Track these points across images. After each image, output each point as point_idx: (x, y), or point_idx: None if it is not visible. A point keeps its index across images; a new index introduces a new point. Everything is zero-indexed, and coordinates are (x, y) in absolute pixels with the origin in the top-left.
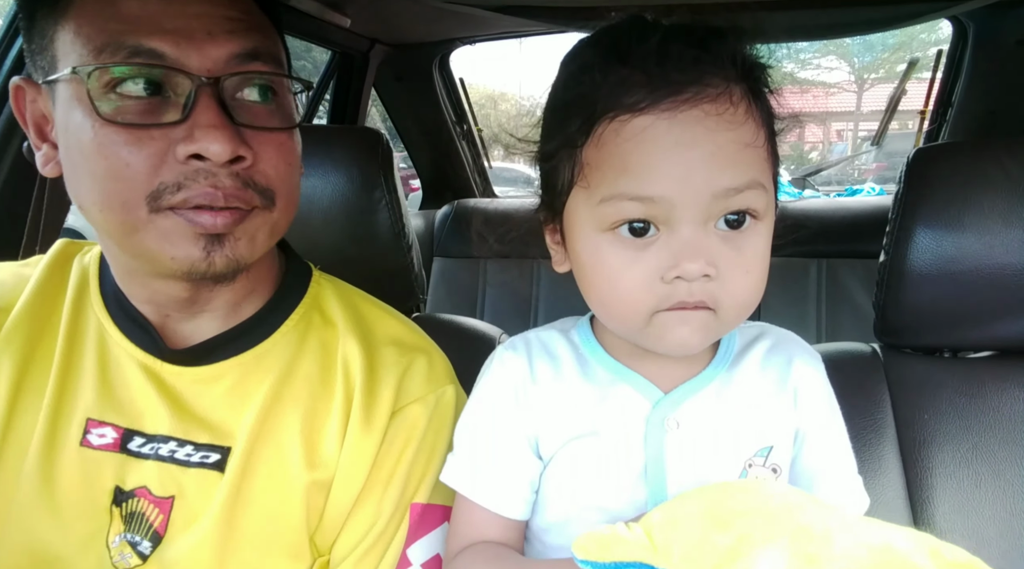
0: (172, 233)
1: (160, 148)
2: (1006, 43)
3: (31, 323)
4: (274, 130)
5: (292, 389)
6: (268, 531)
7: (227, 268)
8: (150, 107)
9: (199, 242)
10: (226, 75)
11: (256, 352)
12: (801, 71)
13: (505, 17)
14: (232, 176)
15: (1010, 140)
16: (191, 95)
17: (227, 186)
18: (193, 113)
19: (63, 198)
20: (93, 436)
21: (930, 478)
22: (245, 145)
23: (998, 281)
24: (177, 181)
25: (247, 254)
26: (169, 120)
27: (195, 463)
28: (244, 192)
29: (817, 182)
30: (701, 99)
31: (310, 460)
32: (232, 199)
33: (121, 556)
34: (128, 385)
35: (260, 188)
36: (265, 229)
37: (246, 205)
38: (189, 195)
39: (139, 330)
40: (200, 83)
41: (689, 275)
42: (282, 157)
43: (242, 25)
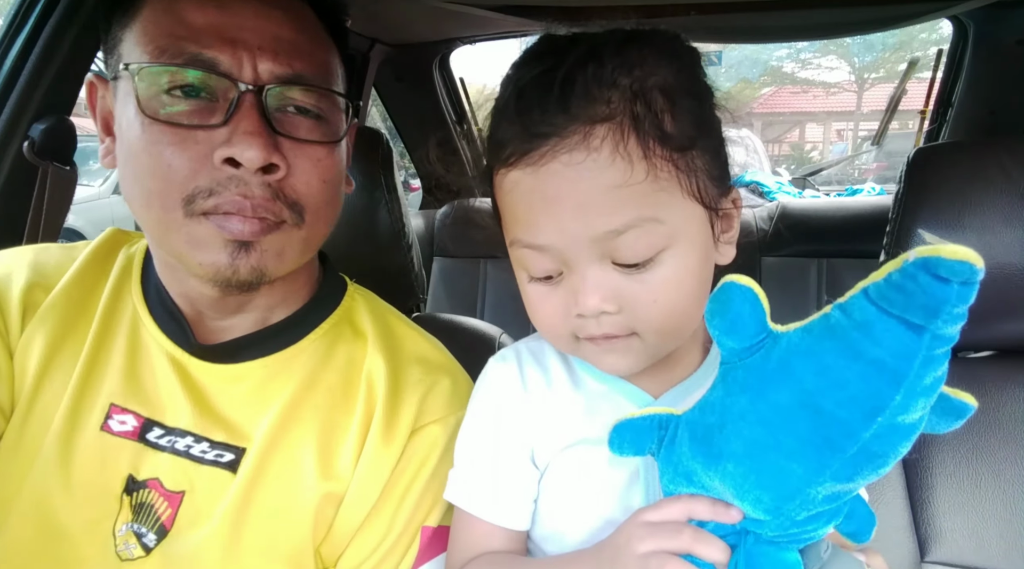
0: (202, 238)
1: (201, 152)
2: (1006, 43)
3: (68, 304)
4: (312, 143)
5: (313, 397)
6: (273, 538)
7: (251, 277)
8: (197, 111)
9: (227, 248)
10: (270, 86)
11: (282, 356)
12: (801, 71)
13: (505, 17)
14: (263, 186)
15: (1010, 140)
16: (234, 101)
17: (256, 196)
18: (234, 118)
19: (63, 198)
20: (114, 422)
21: (930, 478)
22: (280, 155)
23: (998, 281)
24: (210, 186)
25: (273, 268)
26: (212, 124)
27: (209, 461)
28: (273, 204)
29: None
30: (559, 151)
31: (324, 471)
32: (260, 209)
33: (126, 545)
34: (154, 375)
35: (290, 201)
36: (295, 246)
37: (274, 217)
38: (219, 201)
39: (172, 322)
40: (244, 90)
41: (587, 311)
42: (317, 173)
43: (289, 47)
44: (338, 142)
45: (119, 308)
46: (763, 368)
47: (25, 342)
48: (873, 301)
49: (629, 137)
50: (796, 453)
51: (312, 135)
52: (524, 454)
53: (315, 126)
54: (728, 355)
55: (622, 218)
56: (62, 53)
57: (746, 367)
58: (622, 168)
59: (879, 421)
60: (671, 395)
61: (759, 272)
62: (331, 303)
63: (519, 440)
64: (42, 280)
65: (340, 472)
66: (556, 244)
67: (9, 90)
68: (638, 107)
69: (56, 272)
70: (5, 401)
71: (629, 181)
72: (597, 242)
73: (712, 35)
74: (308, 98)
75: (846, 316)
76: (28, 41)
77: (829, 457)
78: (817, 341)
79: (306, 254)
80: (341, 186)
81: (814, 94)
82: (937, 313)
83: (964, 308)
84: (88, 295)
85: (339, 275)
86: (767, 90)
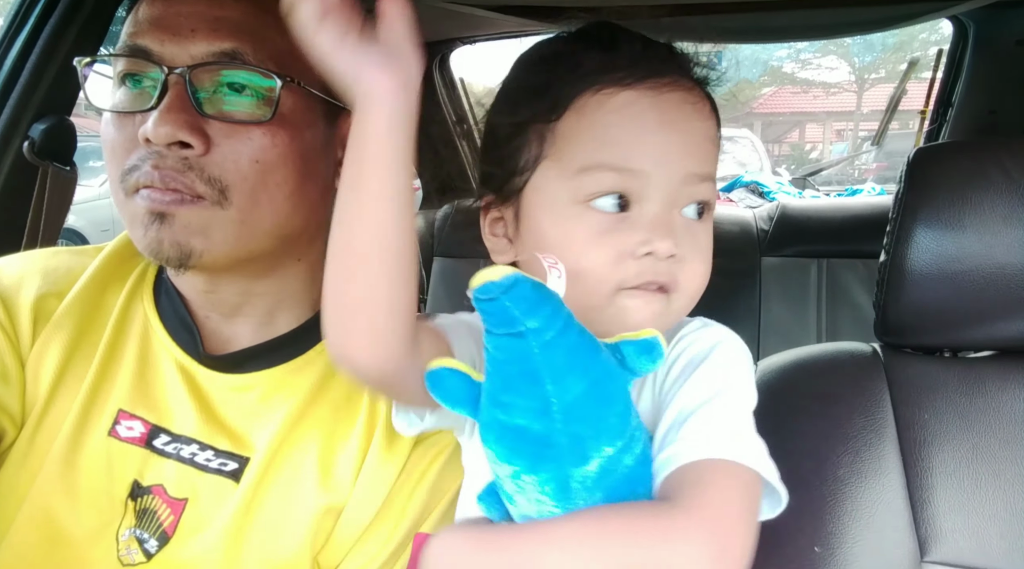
0: (134, 215)
1: (132, 134)
2: (1006, 43)
3: (81, 313)
4: (241, 123)
5: (317, 409)
6: (272, 547)
7: (175, 252)
8: (136, 97)
9: (145, 221)
10: (194, 67)
11: (288, 368)
12: (801, 71)
13: (505, 17)
14: (178, 160)
15: (1010, 140)
16: (163, 85)
17: (167, 166)
18: (162, 101)
19: (63, 198)
20: (122, 427)
21: (930, 478)
22: (198, 133)
23: (998, 281)
24: (135, 163)
25: (200, 245)
26: (143, 107)
27: (213, 469)
28: (183, 175)
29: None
30: (679, 86)
31: (324, 483)
32: (169, 180)
33: (128, 551)
34: (163, 382)
35: (207, 177)
36: (227, 228)
37: (187, 190)
38: (139, 175)
39: (183, 331)
40: (167, 73)
41: (660, 253)
42: (247, 152)
43: (231, 25)
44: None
45: (131, 315)
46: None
47: (38, 351)
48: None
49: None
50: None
51: (245, 117)
52: None
53: (254, 108)
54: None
55: (707, 168)
56: (62, 53)
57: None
58: (715, 126)
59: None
60: None
61: (759, 272)
62: None
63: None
64: (54, 288)
65: (341, 484)
66: (651, 170)
67: (9, 90)
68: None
69: (67, 279)
70: (15, 408)
71: (715, 140)
72: (684, 182)
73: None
74: (239, 78)
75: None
76: (28, 41)
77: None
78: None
79: (247, 240)
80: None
81: (814, 94)
82: (512, 321)
83: (528, 304)
84: (101, 302)
85: None
86: (767, 90)
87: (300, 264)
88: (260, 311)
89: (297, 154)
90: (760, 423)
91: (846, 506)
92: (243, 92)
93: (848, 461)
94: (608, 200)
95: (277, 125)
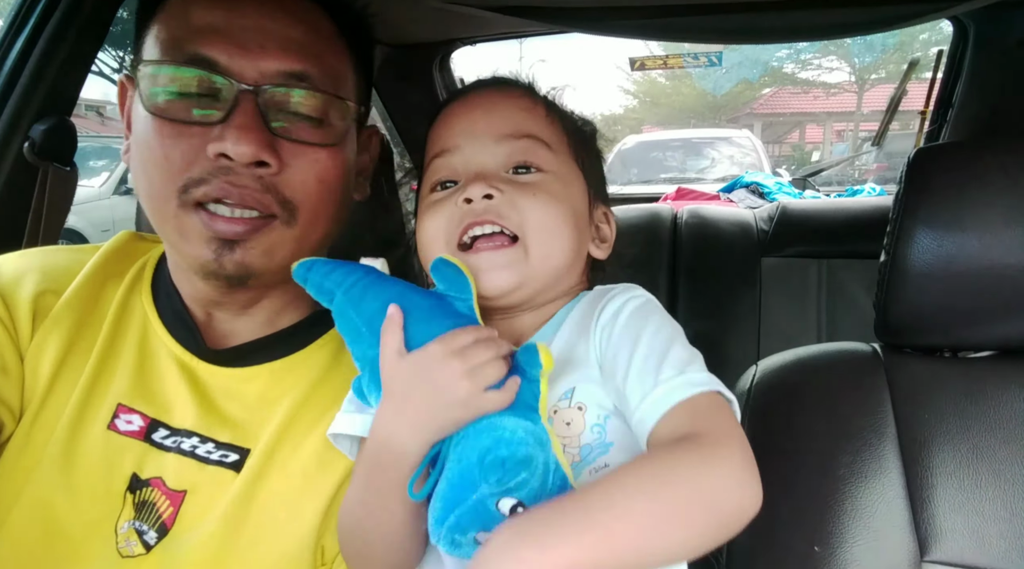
0: (190, 231)
1: (195, 145)
2: (1006, 43)
3: (79, 309)
4: (309, 145)
5: (319, 400)
6: (272, 537)
7: (236, 272)
8: (196, 107)
9: (211, 245)
10: (269, 85)
11: (289, 361)
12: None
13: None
14: (254, 179)
15: (1010, 140)
16: (233, 99)
17: (245, 185)
18: (231, 116)
19: (63, 198)
20: (121, 421)
21: (930, 478)
22: (273, 152)
23: (998, 281)
24: (202, 176)
25: (261, 265)
26: (209, 121)
27: (214, 461)
28: (263, 196)
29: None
30: (488, 86)
31: (325, 469)
32: (248, 199)
33: (127, 543)
34: (162, 377)
35: (281, 198)
36: (286, 245)
37: (263, 209)
38: (208, 189)
39: (182, 327)
40: (241, 89)
41: (474, 195)
42: (314, 173)
43: (297, 45)
44: (337, 145)
45: (129, 311)
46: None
47: (37, 346)
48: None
49: (539, 101)
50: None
51: (312, 137)
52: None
53: (316, 127)
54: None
55: (521, 129)
56: (62, 53)
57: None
58: (529, 103)
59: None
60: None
61: (759, 272)
62: None
63: None
64: (52, 285)
65: (341, 469)
66: (461, 143)
67: (9, 90)
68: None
69: (66, 276)
70: (14, 402)
71: (532, 110)
72: (496, 143)
73: (712, 35)
74: (309, 101)
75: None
76: (28, 41)
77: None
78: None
79: (299, 255)
80: (344, 191)
81: (814, 95)
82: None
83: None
84: (99, 299)
85: None
86: (767, 90)
87: None
88: (268, 311)
89: (345, 171)
90: (760, 423)
91: (846, 506)
92: (308, 114)
93: (848, 461)
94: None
95: (339, 146)
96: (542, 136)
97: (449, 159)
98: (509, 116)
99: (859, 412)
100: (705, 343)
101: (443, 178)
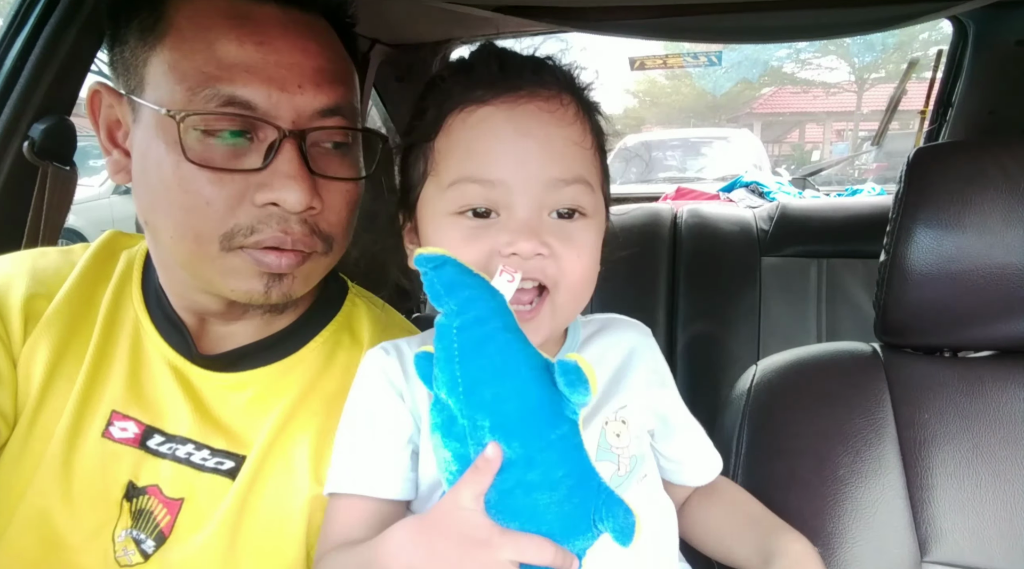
0: (238, 270)
1: (240, 189)
2: (1006, 43)
3: (70, 312)
4: (347, 180)
5: (311, 404)
6: (270, 543)
7: (281, 300)
8: (235, 152)
9: (262, 279)
10: (310, 129)
11: (283, 365)
12: (801, 71)
13: (505, 17)
14: (301, 222)
15: (1010, 140)
16: (275, 145)
17: (296, 232)
18: (274, 161)
19: (63, 198)
20: (115, 428)
21: (930, 478)
22: (317, 194)
23: (998, 281)
24: (251, 224)
25: (300, 290)
26: (252, 166)
27: (209, 468)
28: (311, 239)
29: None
30: (535, 97)
31: (318, 474)
32: (299, 244)
33: (124, 552)
34: (156, 383)
35: (323, 235)
36: (321, 271)
37: (309, 248)
38: (261, 238)
39: (174, 331)
40: (285, 135)
41: (524, 253)
42: (346, 206)
43: (329, 77)
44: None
45: (120, 315)
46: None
47: (28, 351)
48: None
49: (582, 113)
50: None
51: (342, 171)
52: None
53: (344, 158)
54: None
55: (573, 171)
56: (62, 53)
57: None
58: (580, 130)
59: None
60: None
61: (759, 272)
62: (331, 310)
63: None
64: (42, 289)
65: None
66: (510, 180)
67: (9, 90)
68: (584, 98)
69: (56, 279)
70: (8, 408)
71: (582, 143)
72: (546, 188)
73: (712, 35)
74: (342, 138)
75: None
76: (28, 41)
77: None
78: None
79: (324, 274)
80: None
81: (814, 94)
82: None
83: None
84: (89, 301)
85: (340, 278)
86: (767, 90)
87: None
88: (264, 316)
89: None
90: (760, 423)
91: (846, 506)
92: (343, 148)
93: (848, 461)
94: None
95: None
96: (589, 178)
97: (489, 192)
98: (564, 155)
99: (859, 412)
100: (705, 343)
101: (477, 206)
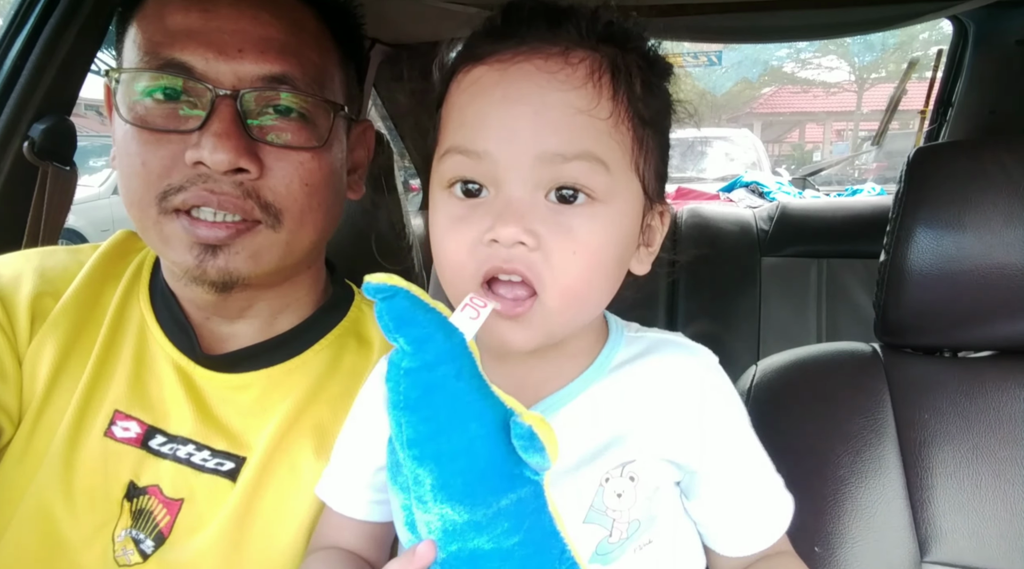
0: (172, 237)
1: (174, 152)
2: (1006, 43)
3: (77, 311)
4: (292, 148)
5: (315, 408)
6: (271, 545)
7: (219, 278)
8: (172, 114)
9: (192, 250)
10: (247, 90)
11: (286, 367)
12: (801, 71)
13: None
14: (234, 185)
15: (1010, 140)
16: (210, 105)
17: (225, 193)
18: (208, 122)
19: (63, 198)
20: (118, 428)
21: (930, 478)
22: (253, 158)
23: (998, 281)
24: (180, 183)
25: (247, 270)
26: (187, 127)
27: (209, 469)
28: (244, 201)
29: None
30: (536, 54)
31: (320, 477)
32: (228, 205)
33: (124, 551)
34: (159, 383)
35: (264, 203)
36: (274, 249)
37: (245, 215)
38: (187, 196)
39: (179, 331)
40: (219, 94)
41: (504, 240)
42: (299, 176)
43: (278, 46)
44: (322, 146)
45: (127, 315)
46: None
47: (35, 350)
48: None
49: (605, 73)
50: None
51: (295, 140)
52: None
53: (300, 129)
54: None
55: (574, 145)
56: (62, 53)
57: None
58: (590, 95)
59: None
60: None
61: (759, 272)
62: (338, 314)
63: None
64: (50, 287)
65: None
66: (497, 153)
67: (9, 90)
68: (620, 60)
69: (64, 278)
70: (13, 406)
71: (593, 112)
72: (540, 163)
73: (712, 35)
74: (291, 103)
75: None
76: (28, 41)
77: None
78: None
79: (287, 258)
80: (333, 191)
81: (814, 94)
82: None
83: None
84: (97, 301)
85: (347, 284)
86: (767, 90)
87: (309, 270)
88: (264, 314)
89: (333, 172)
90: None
91: (846, 506)
92: (291, 115)
93: (848, 461)
94: (467, 188)
95: (324, 147)
96: (600, 153)
97: (475, 164)
98: (564, 125)
99: (859, 412)
100: (705, 343)
101: (466, 178)
